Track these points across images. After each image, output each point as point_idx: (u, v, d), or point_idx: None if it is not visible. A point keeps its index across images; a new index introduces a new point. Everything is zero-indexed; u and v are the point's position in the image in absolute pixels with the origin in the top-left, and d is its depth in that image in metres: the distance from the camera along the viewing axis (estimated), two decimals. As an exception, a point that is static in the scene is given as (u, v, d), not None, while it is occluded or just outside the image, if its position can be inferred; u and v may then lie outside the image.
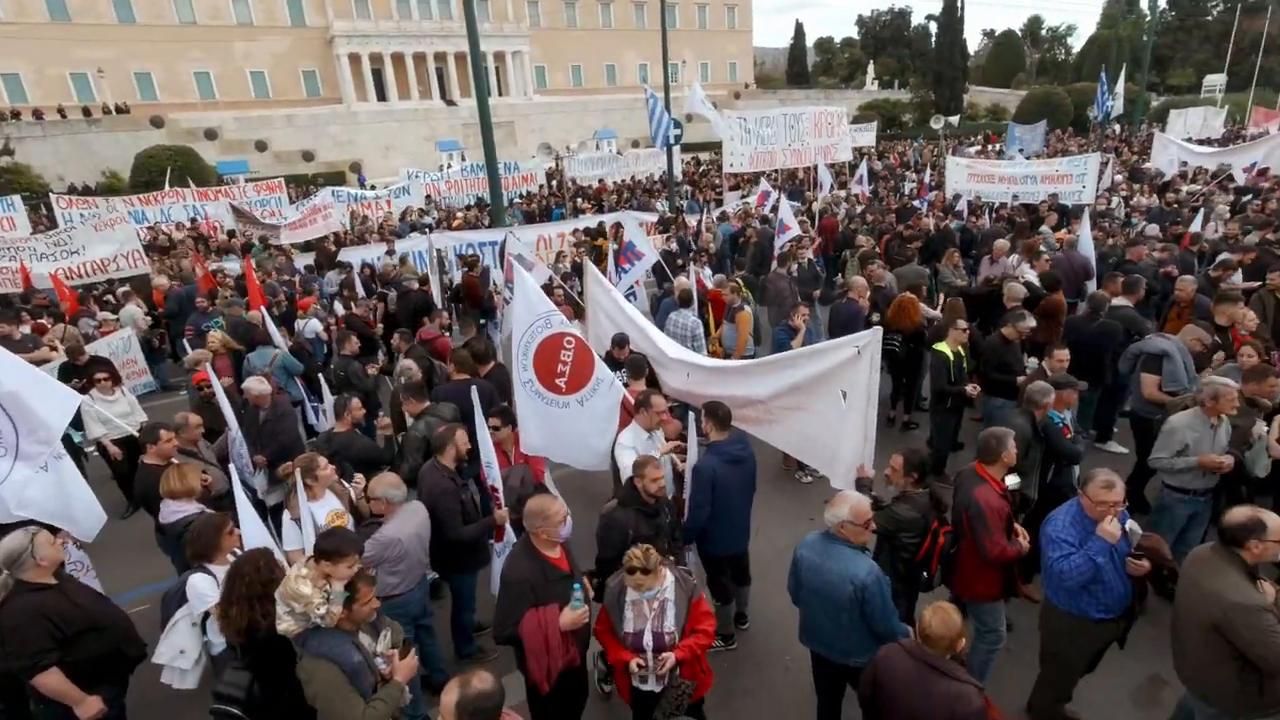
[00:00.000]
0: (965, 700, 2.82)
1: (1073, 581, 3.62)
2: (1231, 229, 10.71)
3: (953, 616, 2.96)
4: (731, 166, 16.84)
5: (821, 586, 3.63)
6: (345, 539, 3.37)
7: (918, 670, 2.97)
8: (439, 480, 4.65)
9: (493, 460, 4.81)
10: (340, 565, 3.20)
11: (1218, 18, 64.36)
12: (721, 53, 65.55)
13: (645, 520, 4.11)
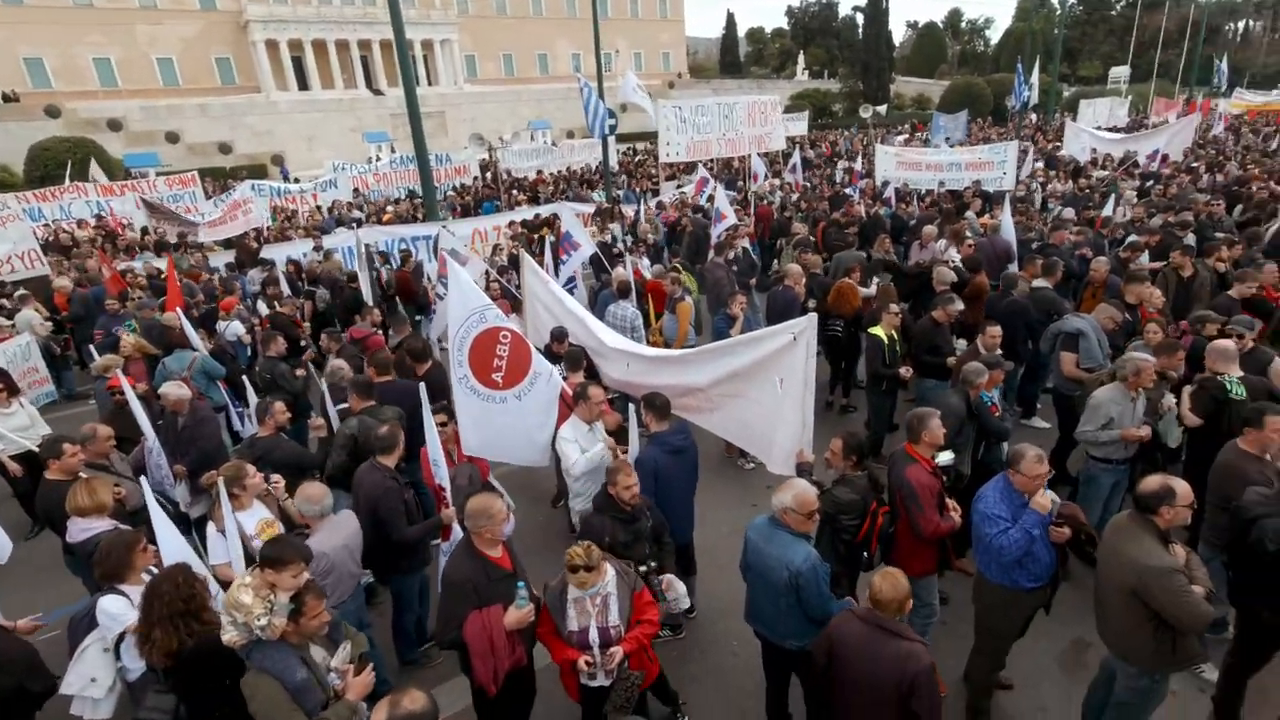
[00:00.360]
0: (916, 658, 2.97)
1: (1010, 556, 3.74)
2: (1137, 213, 11.34)
3: (901, 580, 3.11)
4: (668, 156, 16.81)
5: (763, 569, 3.70)
6: (290, 547, 3.19)
7: (869, 634, 3.10)
8: (379, 480, 4.48)
9: (440, 458, 4.69)
10: (284, 575, 3.05)
11: (1121, 12, 68.10)
12: (654, 42, 65.57)
13: (622, 526, 4.02)
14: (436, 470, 4.68)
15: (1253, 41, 72.38)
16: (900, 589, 3.07)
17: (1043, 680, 4.57)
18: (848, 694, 3.19)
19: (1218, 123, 27.06)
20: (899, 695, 2.97)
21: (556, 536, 6.26)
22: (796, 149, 23.10)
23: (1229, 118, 30.28)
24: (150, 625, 3.20)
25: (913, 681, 2.94)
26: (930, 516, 4.08)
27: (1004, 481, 3.91)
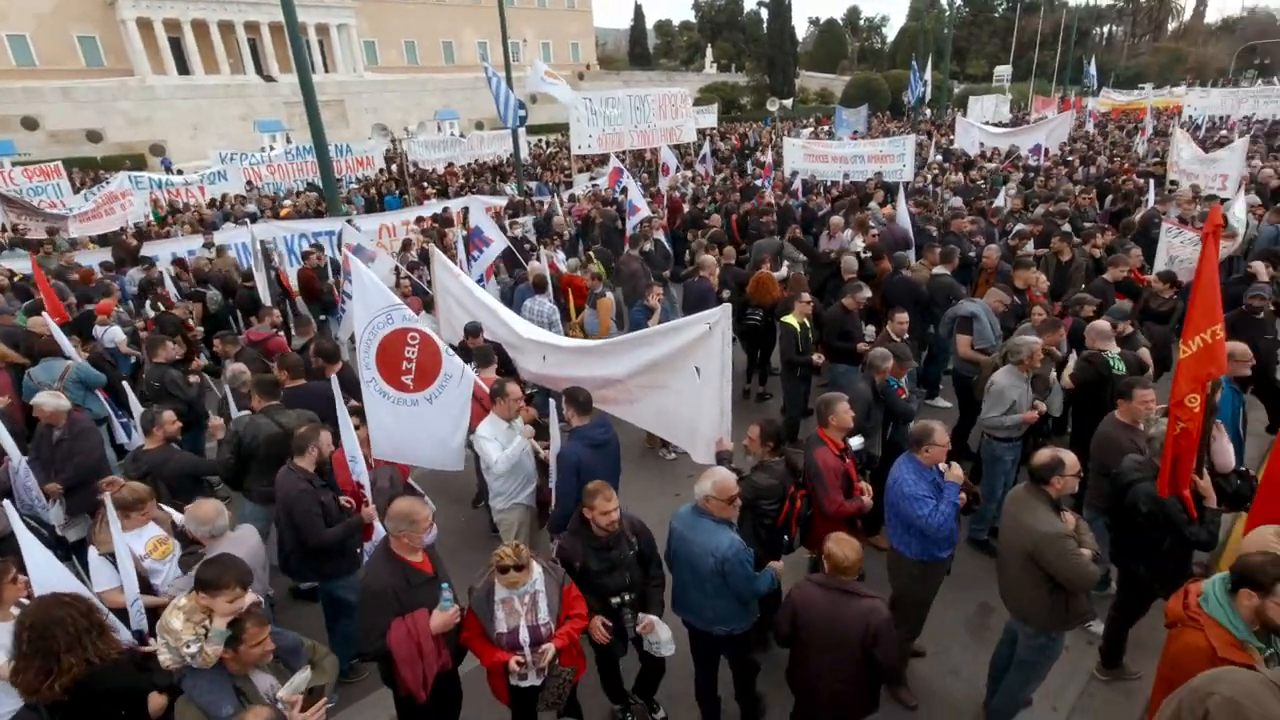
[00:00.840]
0: (877, 612, 3.29)
1: (945, 530, 3.93)
2: (1016, 204, 12.18)
3: (854, 543, 3.41)
4: (580, 148, 16.72)
5: (689, 557, 3.73)
6: (226, 568, 2.96)
7: (831, 597, 3.38)
8: (294, 483, 4.28)
9: (358, 454, 4.50)
10: (219, 599, 2.86)
11: (1002, 15, 72.76)
12: (563, 32, 64.83)
13: (595, 554, 3.67)
14: (354, 467, 4.50)
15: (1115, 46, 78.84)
16: (855, 551, 3.35)
17: (953, 645, 4.84)
18: (815, 653, 3.45)
19: (1088, 120, 29.34)
20: (863, 647, 3.27)
21: (478, 538, 6.13)
22: (707, 141, 23.44)
23: (1097, 115, 32.91)
24: (53, 656, 2.88)
25: (876, 632, 3.24)
26: (834, 497, 4.25)
27: (913, 460, 4.10)
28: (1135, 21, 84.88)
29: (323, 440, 4.46)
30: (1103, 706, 4.35)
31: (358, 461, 4.49)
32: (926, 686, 4.56)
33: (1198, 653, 2.73)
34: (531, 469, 4.96)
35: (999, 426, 5.34)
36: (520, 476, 4.90)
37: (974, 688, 4.43)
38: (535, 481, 4.99)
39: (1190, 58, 72.43)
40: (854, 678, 3.39)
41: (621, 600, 3.68)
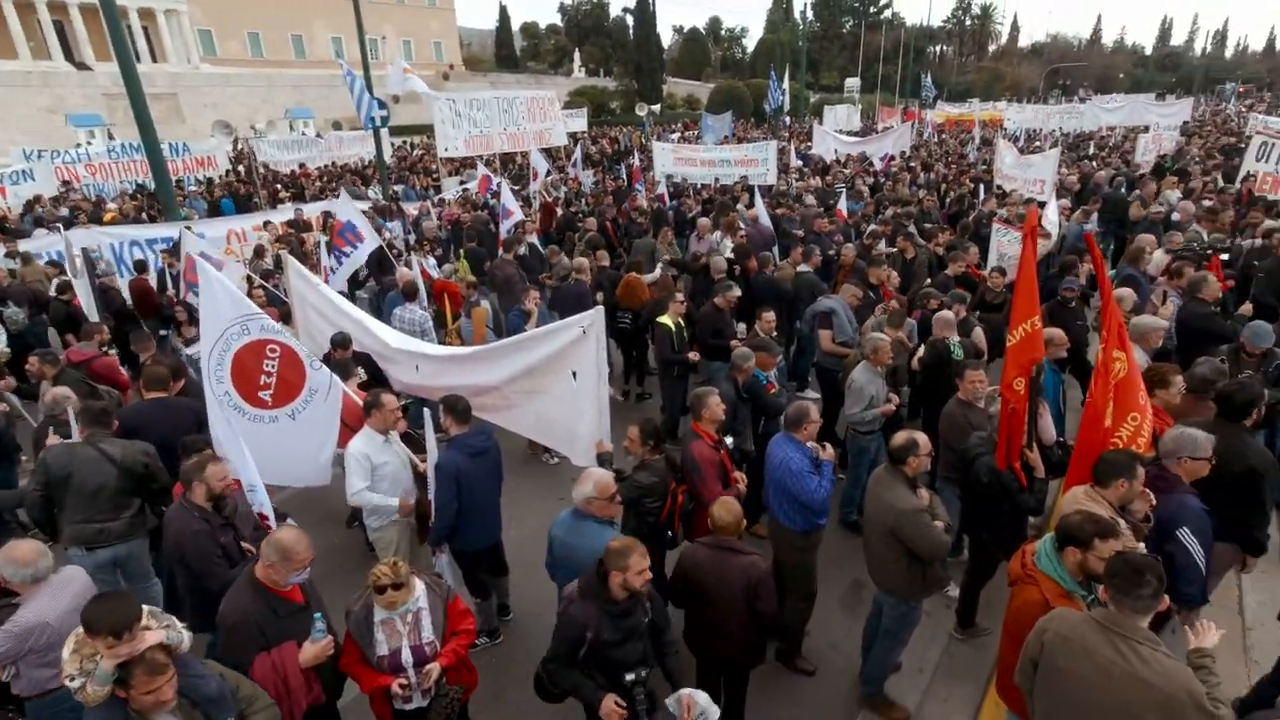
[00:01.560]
0: (756, 566, 3.60)
1: (825, 501, 4.29)
2: (868, 209, 13.15)
3: (734, 505, 3.72)
4: (446, 151, 16.22)
5: (575, 564, 3.69)
6: (105, 612, 2.66)
7: (715, 555, 3.66)
8: (188, 521, 3.81)
9: (257, 483, 4.11)
10: (97, 641, 2.63)
11: (850, 30, 78.10)
12: (425, 31, 62.64)
13: (611, 621, 3.20)
14: (254, 497, 4.10)
15: (947, 64, 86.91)
16: (735, 512, 3.66)
17: (831, 620, 5.14)
18: (704, 606, 3.70)
19: (928, 129, 32.12)
20: (746, 599, 3.54)
21: (354, 558, 5.78)
22: (578, 145, 23.48)
23: (934, 125, 36.16)
24: None
25: (756, 585, 3.54)
26: (712, 487, 4.39)
27: (793, 440, 4.37)
28: (962, 42, 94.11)
29: (211, 472, 3.90)
30: (960, 663, 4.76)
31: (258, 490, 4.10)
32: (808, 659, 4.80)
33: (1034, 605, 3.05)
34: (409, 482, 4.74)
35: (861, 422, 5.71)
36: (398, 491, 4.67)
37: (850, 658, 4.72)
38: (414, 495, 4.77)
39: (1008, 77, 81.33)
40: (741, 630, 3.65)
41: (636, 677, 3.20)
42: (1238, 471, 3.95)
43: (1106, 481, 3.48)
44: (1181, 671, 2.49)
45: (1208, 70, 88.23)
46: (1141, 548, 3.26)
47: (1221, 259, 8.41)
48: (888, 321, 6.40)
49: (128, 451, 4.52)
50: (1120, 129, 29.60)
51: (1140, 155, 18.85)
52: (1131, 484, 3.44)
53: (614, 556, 3.17)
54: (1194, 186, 13.78)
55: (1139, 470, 3.46)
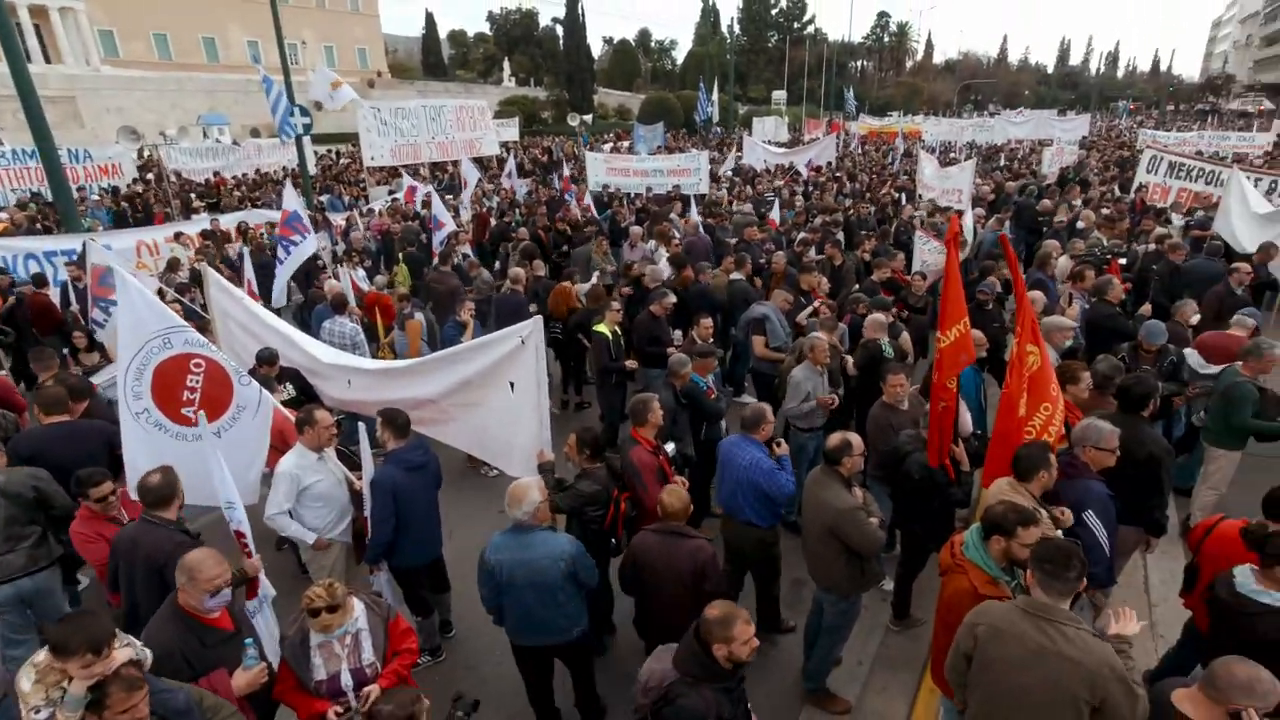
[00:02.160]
0: (703, 549, 3.74)
1: (790, 495, 4.44)
2: (800, 218, 13.54)
3: (682, 492, 3.89)
4: (372, 160, 15.86)
5: (533, 576, 3.64)
6: (76, 629, 2.57)
7: (664, 540, 3.79)
8: (165, 537, 3.67)
9: (236, 499, 3.87)
10: (71, 664, 2.52)
11: (775, 45, 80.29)
12: (348, 36, 60.82)
13: (728, 698, 2.85)
14: (231, 514, 3.87)
15: (868, 78, 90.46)
16: (682, 499, 3.82)
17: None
18: (654, 590, 3.81)
19: (852, 141, 33.33)
20: (694, 580, 3.67)
21: (287, 581, 5.53)
22: (510, 155, 23.31)
23: (858, 137, 37.58)
24: None
25: (703, 567, 3.68)
26: (653, 493, 4.41)
27: (752, 441, 4.54)
28: (881, 58, 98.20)
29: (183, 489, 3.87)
30: (897, 653, 4.93)
31: (236, 508, 3.89)
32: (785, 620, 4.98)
33: (964, 593, 3.20)
34: (345, 501, 4.59)
35: (799, 416, 5.86)
36: (333, 510, 4.52)
37: (793, 655, 4.82)
38: (350, 514, 4.62)
39: (925, 91, 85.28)
40: (690, 611, 3.58)
41: None
42: (1139, 459, 4.25)
43: (1028, 475, 3.70)
44: (1102, 647, 2.68)
45: (1102, 89, 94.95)
46: (1059, 534, 3.47)
47: (1120, 263, 9.06)
48: (820, 325, 6.60)
49: (12, 479, 4.25)
50: (1027, 142, 31.51)
51: (1046, 167, 20.13)
52: (1050, 473, 3.69)
53: (716, 627, 2.80)
54: (1093, 196, 14.80)
55: (1053, 459, 3.71)
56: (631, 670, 3.73)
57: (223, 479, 3.78)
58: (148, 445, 4.43)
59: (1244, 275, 7.84)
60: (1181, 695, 2.62)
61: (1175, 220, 12.10)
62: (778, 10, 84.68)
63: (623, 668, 4.57)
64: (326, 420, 4.49)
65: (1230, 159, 17.77)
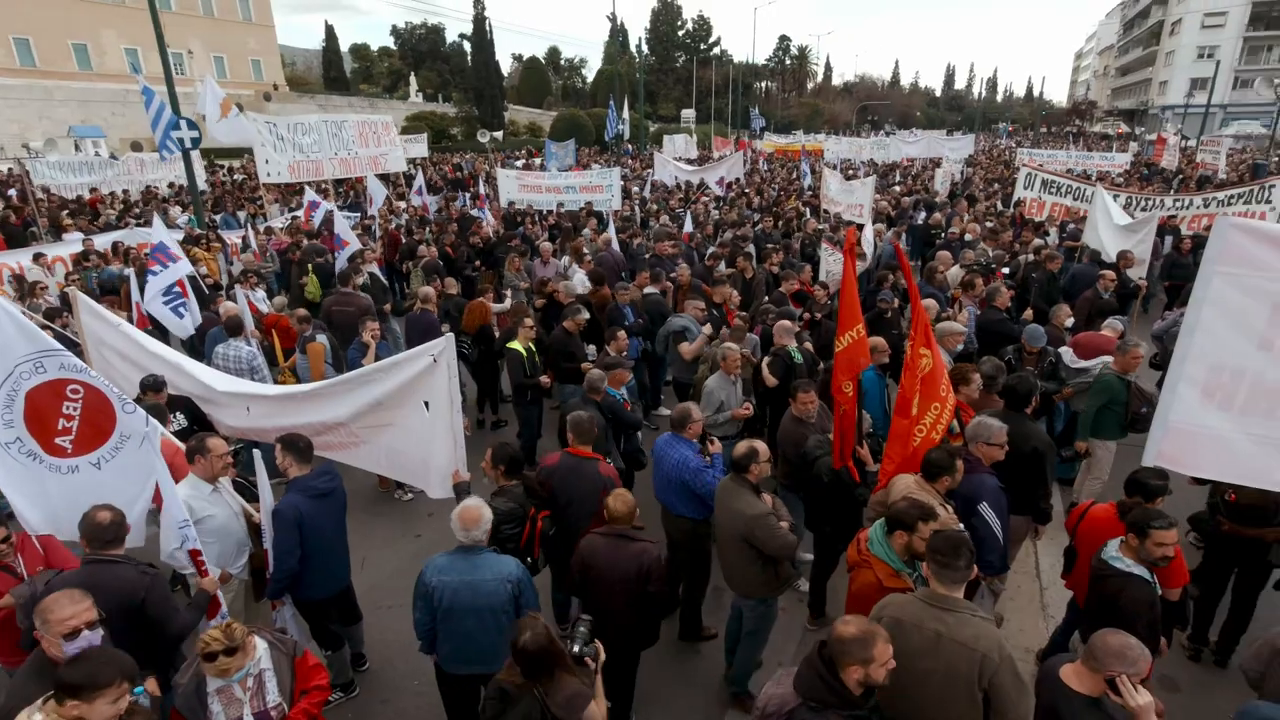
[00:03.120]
0: (648, 552, 3.83)
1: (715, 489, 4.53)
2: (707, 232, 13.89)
3: (627, 496, 3.95)
4: (269, 177, 15.13)
5: (478, 600, 3.55)
6: (105, 665, 2.47)
7: (610, 543, 3.87)
8: (133, 577, 3.45)
9: (187, 518, 3.74)
10: (99, 704, 2.39)
11: (683, 65, 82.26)
12: (241, 47, 57.91)
13: None
14: (186, 532, 3.72)
15: (772, 98, 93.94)
16: (628, 503, 3.90)
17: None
18: (601, 590, 3.87)
19: (760, 158, 34.49)
20: (639, 582, 3.76)
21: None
22: (419, 171, 22.79)
23: (764, 154, 38.93)
24: None
25: (649, 570, 3.78)
26: None
27: (682, 440, 4.71)
28: (784, 80, 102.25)
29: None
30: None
31: (189, 526, 3.71)
32: (676, 665, 4.94)
33: (870, 587, 3.35)
34: (242, 535, 4.31)
35: (715, 425, 5.97)
36: (229, 546, 4.24)
37: (714, 661, 4.90)
38: (248, 549, 4.35)
39: (826, 112, 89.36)
40: (635, 611, 3.88)
41: None
42: (1025, 452, 4.58)
43: (935, 477, 3.92)
44: (991, 631, 2.87)
45: (985, 111, 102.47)
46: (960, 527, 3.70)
47: (1004, 272, 9.76)
48: (733, 336, 6.78)
49: None
50: (919, 160, 33.54)
51: (939, 184, 21.44)
52: (955, 477, 3.93)
53: (852, 646, 2.54)
54: (980, 210, 15.90)
55: (959, 464, 3.95)
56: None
57: (172, 498, 3.63)
58: (22, 478, 4.06)
59: (1109, 281, 8.64)
60: (1068, 670, 2.83)
61: (1052, 232, 13.18)
62: (684, 32, 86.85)
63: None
64: (220, 448, 4.22)
65: (1095, 176, 19.47)
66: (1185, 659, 4.88)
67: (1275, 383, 3.27)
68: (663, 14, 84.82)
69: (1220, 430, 3.43)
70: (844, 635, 2.58)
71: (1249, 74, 58.48)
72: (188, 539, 3.71)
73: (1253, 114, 54.41)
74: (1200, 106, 50.81)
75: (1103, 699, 2.70)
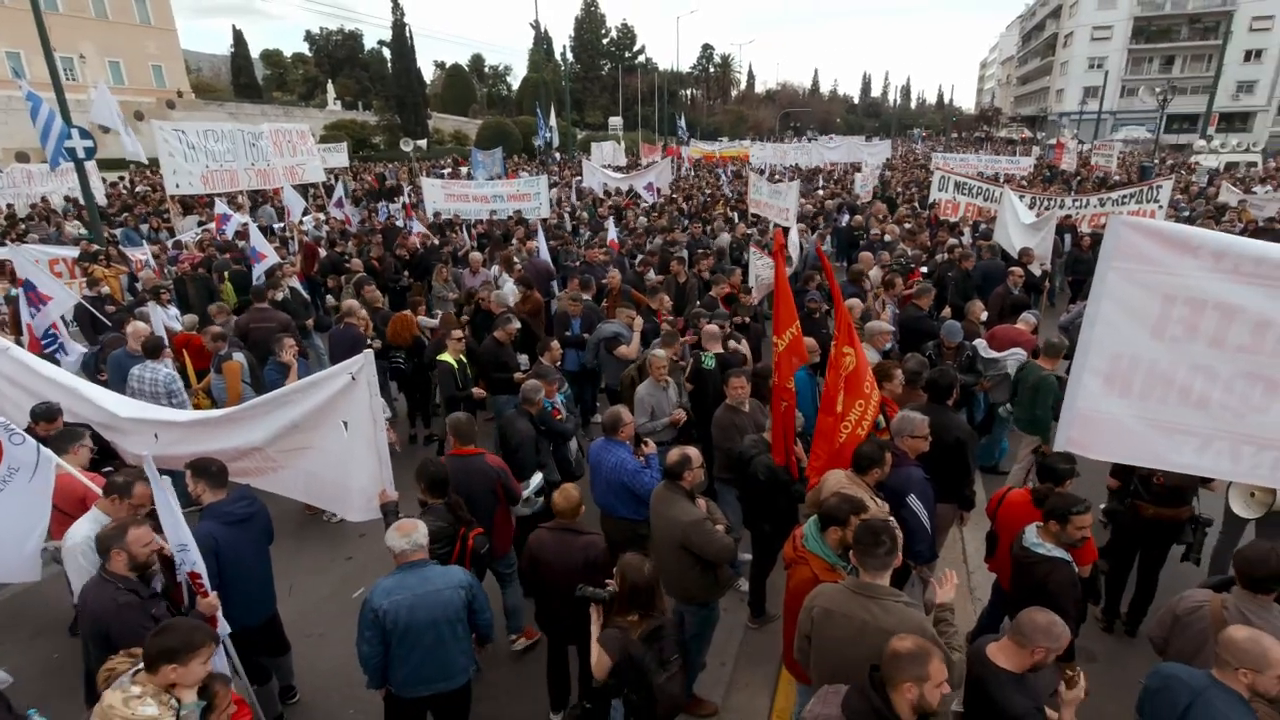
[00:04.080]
0: (595, 545, 4.01)
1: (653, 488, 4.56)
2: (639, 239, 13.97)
3: (573, 492, 4.09)
4: (178, 188, 14.38)
5: (435, 613, 3.48)
6: (193, 630, 2.74)
7: (558, 538, 4.03)
8: (109, 597, 3.35)
9: (188, 541, 3.55)
10: (193, 664, 2.65)
11: (609, 73, 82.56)
12: (139, 52, 54.45)
13: None
14: (185, 556, 3.55)
15: (698, 105, 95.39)
16: (572, 499, 4.05)
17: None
18: (551, 585, 4.01)
19: (686, 164, 34.93)
20: (586, 572, 3.83)
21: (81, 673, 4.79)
22: (339, 182, 22.07)
23: (691, 160, 39.46)
24: None
25: (595, 560, 3.93)
26: None
27: (617, 443, 4.75)
28: (709, 87, 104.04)
29: (132, 537, 3.45)
30: (757, 649, 5.13)
31: (189, 549, 3.54)
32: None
33: (806, 582, 3.40)
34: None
35: (652, 432, 5.97)
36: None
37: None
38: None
39: (750, 119, 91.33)
40: (581, 601, 3.90)
41: None
42: (947, 443, 4.77)
43: (865, 469, 4.04)
44: (915, 615, 2.98)
45: (900, 118, 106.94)
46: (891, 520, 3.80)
47: (922, 271, 10.17)
48: (662, 343, 6.80)
49: None
50: (840, 165, 34.70)
51: (859, 187, 22.20)
52: (884, 469, 4.06)
53: (906, 663, 2.44)
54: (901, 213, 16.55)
55: (888, 456, 4.08)
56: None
57: (175, 521, 3.49)
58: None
59: (1018, 277, 9.12)
60: (994, 648, 2.95)
61: (966, 232, 13.84)
62: (609, 40, 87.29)
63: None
64: (143, 497, 3.92)
65: (1002, 179, 20.55)
66: (1100, 631, 5.17)
67: (1168, 369, 3.49)
68: (586, 22, 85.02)
69: (1121, 416, 3.64)
70: (899, 650, 2.49)
71: (1134, 83, 63.16)
72: (185, 562, 3.56)
73: (1139, 120, 58.73)
74: (1093, 113, 54.82)
75: (1026, 675, 2.82)
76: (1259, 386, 3.35)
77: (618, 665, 3.21)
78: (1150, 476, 4.74)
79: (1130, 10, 64.26)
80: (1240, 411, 3.41)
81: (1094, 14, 66.50)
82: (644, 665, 3.19)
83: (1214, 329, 3.34)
